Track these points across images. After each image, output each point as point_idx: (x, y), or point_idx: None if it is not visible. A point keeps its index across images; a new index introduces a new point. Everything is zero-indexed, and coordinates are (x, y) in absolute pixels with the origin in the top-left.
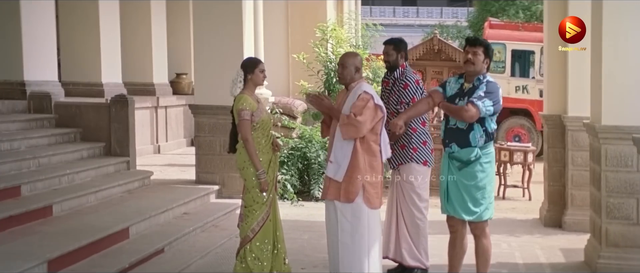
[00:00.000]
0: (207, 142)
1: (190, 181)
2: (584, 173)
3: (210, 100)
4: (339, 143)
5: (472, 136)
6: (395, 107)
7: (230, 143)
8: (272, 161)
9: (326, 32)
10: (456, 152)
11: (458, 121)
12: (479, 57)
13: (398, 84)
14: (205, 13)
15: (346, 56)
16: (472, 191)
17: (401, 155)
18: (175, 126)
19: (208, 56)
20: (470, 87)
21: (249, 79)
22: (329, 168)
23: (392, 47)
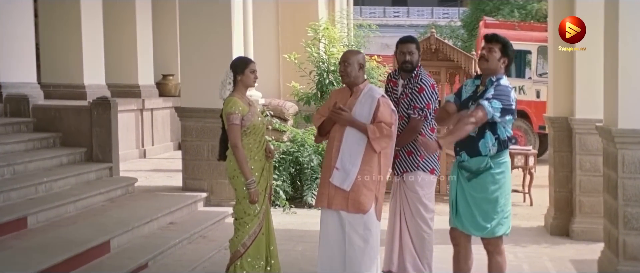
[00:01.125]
0: (195, 147)
1: (177, 188)
2: (593, 178)
3: (197, 103)
4: (348, 148)
5: (483, 144)
6: (406, 111)
7: (220, 149)
8: (265, 169)
9: (318, 31)
10: (466, 161)
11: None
12: (494, 55)
13: (412, 87)
14: (192, 12)
15: (349, 53)
16: (482, 205)
17: (407, 162)
18: (161, 130)
19: (195, 57)
20: (483, 91)
21: (238, 80)
22: (335, 176)
23: (415, 45)
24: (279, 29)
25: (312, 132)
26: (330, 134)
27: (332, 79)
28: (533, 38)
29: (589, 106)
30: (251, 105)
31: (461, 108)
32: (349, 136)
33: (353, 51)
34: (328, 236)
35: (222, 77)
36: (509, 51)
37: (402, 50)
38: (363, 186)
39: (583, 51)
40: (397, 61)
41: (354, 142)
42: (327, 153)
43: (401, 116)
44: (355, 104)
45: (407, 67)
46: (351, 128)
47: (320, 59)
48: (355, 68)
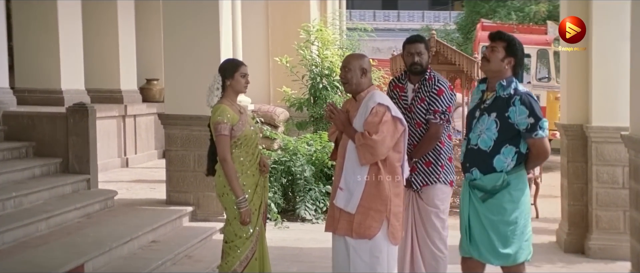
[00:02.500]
0: (180, 157)
1: (160, 201)
2: (611, 191)
3: (182, 109)
4: (351, 165)
5: (498, 160)
6: (423, 117)
7: (209, 163)
8: (259, 185)
9: (311, 33)
10: (478, 179)
11: (480, 138)
12: (496, 54)
13: (428, 90)
14: (177, 11)
15: (350, 57)
16: (500, 228)
17: (427, 174)
18: (145, 137)
19: (180, 59)
20: (493, 98)
21: (228, 85)
22: (338, 197)
23: (423, 45)
24: (269, 30)
25: (305, 140)
26: (338, 150)
27: (326, 83)
28: (532, 41)
29: (606, 112)
30: (242, 113)
31: (467, 120)
32: (352, 150)
33: (355, 54)
34: (338, 265)
35: (209, 82)
36: (515, 49)
37: (409, 51)
38: (370, 208)
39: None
40: (405, 63)
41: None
42: (335, 172)
43: (417, 123)
44: (356, 116)
45: (416, 69)
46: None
47: (314, 62)
48: (356, 74)
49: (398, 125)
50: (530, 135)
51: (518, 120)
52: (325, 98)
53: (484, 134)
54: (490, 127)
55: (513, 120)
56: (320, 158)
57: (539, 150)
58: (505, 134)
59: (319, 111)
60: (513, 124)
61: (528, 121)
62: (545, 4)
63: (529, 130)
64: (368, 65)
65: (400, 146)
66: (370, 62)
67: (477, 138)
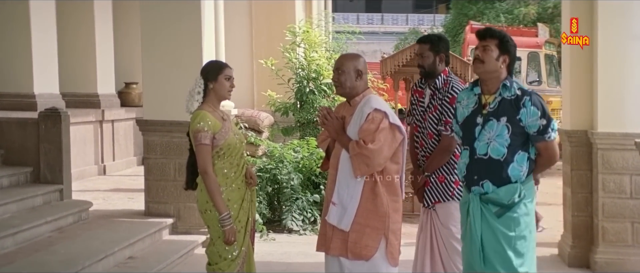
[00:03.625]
0: (159, 165)
1: (138, 212)
2: (618, 201)
3: (162, 114)
4: (344, 178)
5: (513, 169)
6: (434, 127)
7: (188, 176)
8: (245, 200)
9: (297, 35)
10: (492, 193)
11: (490, 147)
12: (490, 53)
13: (441, 97)
14: (156, 11)
15: (344, 57)
16: (517, 245)
17: (440, 190)
18: (123, 143)
19: (159, 62)
20: (498, 101)
21: (210, 89)
22: (331, 213)
23: (428, 46)
24: (253, 32)
25: (291, 146)
26: (330, 160)
27: (313, 87)
28: (522, 44)
29: (612, 117)
30: (225, 120)
31: (464, 129)
32: (345, 161)
33: (349, 54)
34: None
35: (190, 86)
36: (508, 46)
37: (416, 52)
38: (366, 226)
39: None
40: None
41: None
42: (327, 185)
43: (430, 133)
44: (351, 122)
45: (421, 71)
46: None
47: (300, 65)
48: (351, 76)
49: (396, 133)
50: (542, 138)
51: (529, 122)
52: (312, 102)
53: (495, 141)
54: (502, 133)
55: (524, 123)
56: (308, 165)
57: (550, 154)
58: (517, 139)
59: (306, 116)
60: (524, 127)
61: (540, 123)
62: (535, 6)
63: (541, 132)
64: (364, 66)
65: (398, 157)
66: (366, 64)
67: (485, 146)
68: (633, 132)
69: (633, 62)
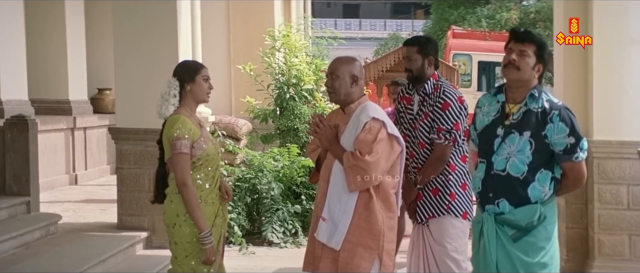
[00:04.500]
0: (133, 175)
1: (111, 225)
2: (615, 212)
3: (135, 122)
4: (336, 191)
5: (534, 189)
6: (426, 136)
7: (156, 188)
8: (218, 216)
9: (277, 39)
10: (508, 214)
11: (510, 162)
12: (527, 60)
13: (432, 103)
14: (129, 13)
15: (338, 61)
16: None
17: (434, 204)
18: (96, 151)
19: (133, 67)
20: (522, 112)
21: (187, 91)
22: (320, 230)
23: (416, 49)
24: (231, 36)
25: (271, 155)
26: (320, 172)
27: (294, 93)
28: None
29: (609, 124)
30: (202, 126)
31: (482, 139)
32: (338, 173)
33: (344, 58)
34: None
35: (163, 88)
36: (546, 55)
37: (403, 55)
38: (358, 245)
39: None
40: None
41: (344, 182)
42: (316, 199)
43: (421, 143)
44: (345, 131)
45: (408, 76)
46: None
47: (280, 70)
48: (345, 82)
49: (395, 145)
50: (570, 158)
51: (555, 140)
52: (292, 109)
53: (515, 157)
54: (524, 149)
55: (550, 139)
56: (289, 175)
57: (577, 176)
58: (540, 156)
59: (286, 123)
60: (549, 144)
61: (567, 141)
62: (516, 11)
63: (568, 152)
64: (360, 71)
65: (396, 170)
66: (362, 68)
67: (504, 162)
68: (630, 140)
69: (630, 66)
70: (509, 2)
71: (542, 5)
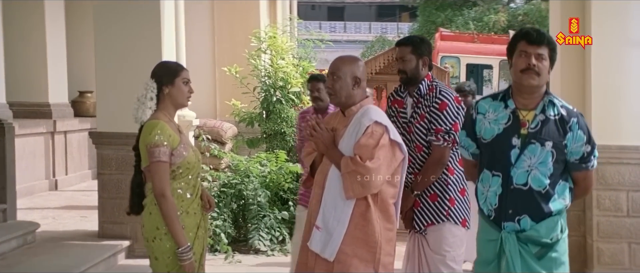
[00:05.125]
0: (114, 182)
1: (92, 233)
2: (614, 219)
3: (117, 126)
4: (331, 199)
5: (554, 202)
6: (423, 139)
7: (132, 198)
8: (200, 227)
9: (263, 41)
10: (531, 230)
11: (531, 176)
12: (545, 64)
13: (428, 104)
14: (110, 14)
15: (340, 61)
16: None
17: (433, 211)
18: (77, 156)
19: (114, 69)
20: (540, 120)
21: (165, 94)
22: (314, 239)
23: (410, 49)
24: (215, 38)
25: (258, 159)
26: (315, 177)
27: (280, 96)
28: (494, 52)
29: (607, 128)
30: (182, 132)
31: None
32: (335, 179)
33: (346, 58)
34: None
35: (140, 91)
36: (555, 56)
37: (395, 56)
38: (353, 256)
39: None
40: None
41: (340, 188)
42: (309, 206)
43: (418, 146)
44: (344, 134)
45: (402, 77)
46: (335, 170)
47: (266, 72)
48: (347, 83)
49: (397, 152)
50: (585, 167)
51: (573, 148)
52: (279, 112)
53: (536, 170)
54: (546, 160)
55: (568, 148)
56: (276, 180)
57: (588, 185)
58: (559, 167)
59: (272, 126)
60: (567, 154)
61: (584, 150)
62: (505, 13)
63: (584, 160)
64: (362, 72)
65: (397, 179)
66: (365, 69)
67: (525, 175)
68: (630, 145)
69: (630, 68)
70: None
71: (531, 8)
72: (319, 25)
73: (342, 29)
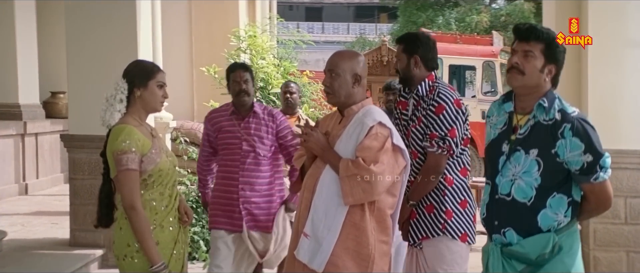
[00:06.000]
0: (87, 187)
1: (63, 242)
2: (612, 227)
3: (90, 129)
4: (322, 204)
5: (545, 217)
6: (418, 144)
7: (101, 209)
8: (178, 241)
9: (243, 40)
10: (516, 245)
11: (515, 186)
12: (533, 62)
13: (425, 107)
14: (84, 11)
15: (339, 56)
16: None
17: (428, 223)
18: (49, 159)
19: (87, 69)
20: (530, 125)
21: (137, 97)
22: (301, 247)
23: (402, 47)
24: (193, 37)
25: None
26: (304, 180)
27: (261, 97)
28: (477, 53)
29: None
30: (155, 136)
31: (488, 156)
32: (329, 182)
33: (345, 53)
34: None
35: (109, 91)
36: (557, 52)
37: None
38: (343, 268)
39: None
40: None
41: (332, 193)
42: (297, 211)
43: (414, 152)
44: (343, 134)
45: (400, 79)
46: (330, 170)
47: None
48: (347, 81)
49: (399, 158)
50: (587, 179)
51: (569, 158)
52: None
53: (520, 179)
54: (530, 169)
55: (562, 158)
56: None
57: (599, 198)
58: (551, 178)
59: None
60: (562, 163)
61: (583, 160)
62: (487, 14)
63: (585, 172)
64: (363, 69)
65: (397, 188)
66: (366, 65)
67: (509, 184)
68: (628, 149)
69: (627, 70)
70: (478, 5)
71: (513, 8)
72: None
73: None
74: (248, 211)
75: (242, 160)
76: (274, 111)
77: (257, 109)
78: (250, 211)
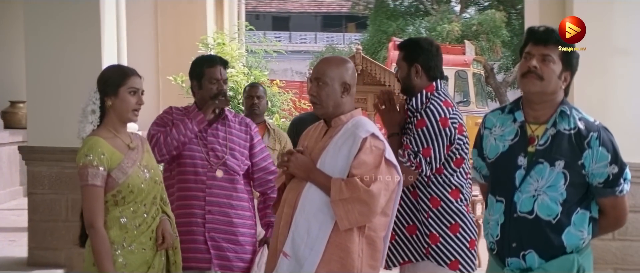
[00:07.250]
0: (47, 202)
1: (20, 260)
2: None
3: (51, 140)
4: (304, 221)
5: (569, 236)
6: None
7: (82, 227)
8: (153, 266)
9: (211, 48)
10: (538, 269)
11: (538, 202)
12: (552, 68)
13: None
14: (45, 15)
15: (326, 63)
16: None
17: (409, 246)
18: (7, 171)
19: (48, 77)
20: (551, 135)
21: (108, 106)
22: (280, 268)
23: (402, 55)
24: (159, 45)
25: None
26: (284, 195)
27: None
28: (449, 62)
29: None
30: (133, 149)
31: (498, 171)
32: (310, 198)
33: (333, 60)
34: None
35: (84, 101)
36: (573, 58)
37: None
38: None
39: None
40: None
41: (316, 209)
42: (274, 228)
43: None
44: (329, 145)
45: (402, 88)
46: (312, 186)
47: None
48: (335, 90)
49: (394, 174)
50: (612, 192)
51: (594, 169)
52: None
53: (544, 194)
54: (556, 183)
55: (587, 170)
56: None
57: (619, 214)
58: (576, 192)
59: None
60: (585, 176)
61: (609, 171)
62: (459, 23)
63: (610, 184)
64: (352, 77)
65: (389, 207)
66: (355, 73)
67: (531, 201)
68: None
69: (615, 78)
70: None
71: (485, 18)
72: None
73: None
74: (216, 243)
75: (209, 175)
76: (247, 120)
77: (228, 115)
78: (218, 244)
